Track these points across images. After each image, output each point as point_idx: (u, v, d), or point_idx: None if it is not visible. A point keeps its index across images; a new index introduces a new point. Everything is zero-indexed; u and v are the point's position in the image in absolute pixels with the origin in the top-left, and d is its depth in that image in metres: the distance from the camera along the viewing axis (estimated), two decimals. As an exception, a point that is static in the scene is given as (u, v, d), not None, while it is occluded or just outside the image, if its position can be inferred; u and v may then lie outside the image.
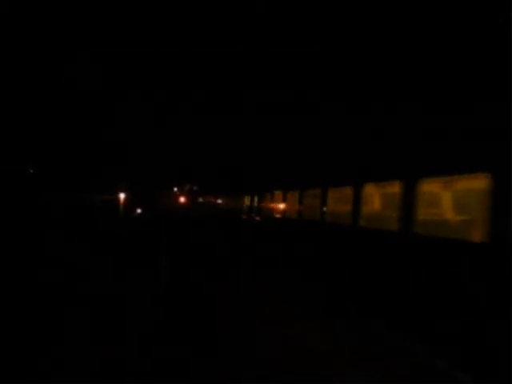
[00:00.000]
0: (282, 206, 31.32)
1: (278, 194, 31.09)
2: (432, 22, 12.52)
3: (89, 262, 11.63)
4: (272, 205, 34.58)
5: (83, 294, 7.99)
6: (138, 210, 40.74)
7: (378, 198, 13.90)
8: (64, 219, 21.70)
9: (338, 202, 16.67)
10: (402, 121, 12.65)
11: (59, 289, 8.25)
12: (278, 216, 29.94)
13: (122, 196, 36.49)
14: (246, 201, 50.84)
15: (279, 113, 19.84)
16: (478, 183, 8.28)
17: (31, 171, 27.04)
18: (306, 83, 15.63)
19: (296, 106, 18.36)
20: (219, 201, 75.43)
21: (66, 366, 4.79)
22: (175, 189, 61.58)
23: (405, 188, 11.92)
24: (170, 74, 17.45)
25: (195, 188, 67.86)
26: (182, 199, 62.79)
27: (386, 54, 13.61)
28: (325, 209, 19.26)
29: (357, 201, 13.96)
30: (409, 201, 11.93)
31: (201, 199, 71.90)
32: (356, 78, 15.27)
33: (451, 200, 9.70)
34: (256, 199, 43.20)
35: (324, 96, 16.42)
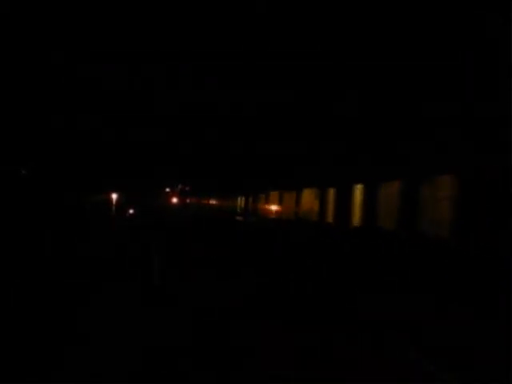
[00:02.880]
0: (274, 207, 33.21)
1: (266, 195, 33.29)
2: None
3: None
4: (262, 206, 36.18)
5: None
6: (131, 211, 40.55)
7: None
8: (56, 220, 21.52)
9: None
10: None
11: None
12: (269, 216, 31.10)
13: (114, 196, 36.27)
14: (239, 202, 54.41)
15: (276, 113, 19.95)
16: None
17: (24, 172, 26.81)
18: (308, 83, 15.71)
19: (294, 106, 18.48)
20: (212, 201, 75.48)
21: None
22: (167, 189, 61.44)
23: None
24: (169, 73, 17.41)
25: (187, 188, 67.78)
26: (175, 199, 62.68)
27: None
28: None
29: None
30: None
31: (188, 200, 71.88)
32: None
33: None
34: (248, 200, 46.56)
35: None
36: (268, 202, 34.94)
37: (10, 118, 17.35)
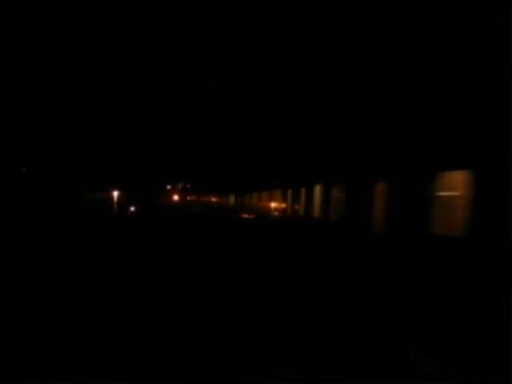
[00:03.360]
0: (254, 203, 41.19)
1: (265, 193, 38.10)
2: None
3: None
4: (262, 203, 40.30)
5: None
6: (132, 208, 40.57)
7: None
8: (55, 218, 21.61)
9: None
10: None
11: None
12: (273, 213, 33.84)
13: (115, 194, 36.28)
14: (231, 199, 61.92)
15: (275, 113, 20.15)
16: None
17: (24, 169, 26.94)
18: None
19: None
20: (211, 199, 75.85)
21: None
22: (169, 186, 61.53)
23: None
24: (169, 74, 17.45)
25: (188, 186, 67.94)
26: (176, 197, 62.78)
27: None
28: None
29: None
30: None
31: (189, 197, 72.14)
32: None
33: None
34: (237, 198, 56.75)
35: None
36: (251, 200, 48.09)
37: (10, 118, 17.42)
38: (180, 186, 66.36)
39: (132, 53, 15.15)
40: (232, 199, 64.15)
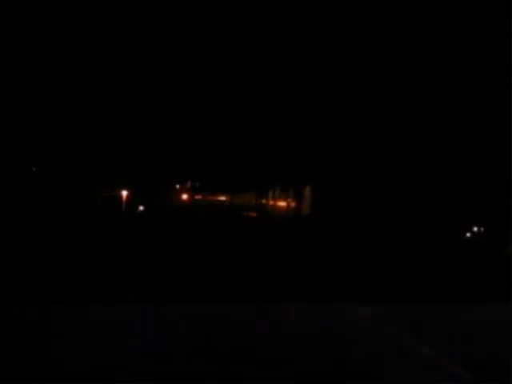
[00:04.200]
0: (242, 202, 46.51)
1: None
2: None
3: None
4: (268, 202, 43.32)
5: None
6: (141, 208, 40.74)
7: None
8: (65, 216, 21.76)
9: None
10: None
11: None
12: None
13: (124, 193, 36.40)
14: (225, 198, 66.04)
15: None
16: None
17: (33, 169, 27.19)
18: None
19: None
20: (216, 198, 75.92)
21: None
22: (177, 185, 61.62)
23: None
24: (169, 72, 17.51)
25: (197, 185, 68.07)
26: (184, 196, 62.95)
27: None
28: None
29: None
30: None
31: (196, 197, 72.17)
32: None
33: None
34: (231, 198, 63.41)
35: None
36: (239, 199, 56.26)
37: (18, 118, 17.58)
38: (188, 185, 66.55)
39: (134, 53, 15.21)
40: (227, 197, 75.59)
